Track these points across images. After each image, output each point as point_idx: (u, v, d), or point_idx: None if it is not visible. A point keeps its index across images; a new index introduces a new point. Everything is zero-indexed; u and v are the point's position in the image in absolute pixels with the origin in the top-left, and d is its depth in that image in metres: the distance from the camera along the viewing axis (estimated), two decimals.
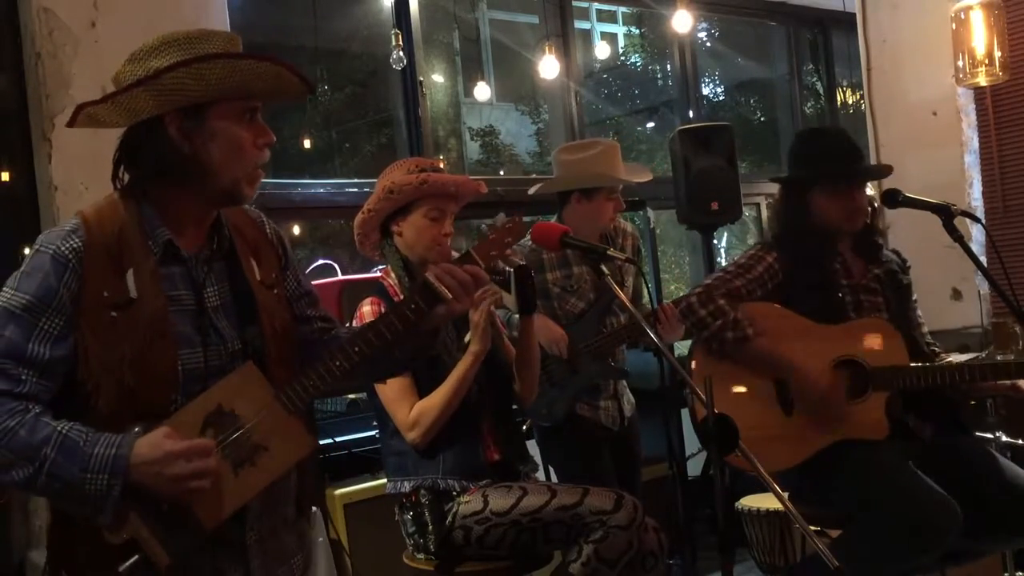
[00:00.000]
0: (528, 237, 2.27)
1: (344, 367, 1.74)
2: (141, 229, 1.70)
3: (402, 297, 2.54)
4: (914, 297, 2.96)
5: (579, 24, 6.53)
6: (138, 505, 1.60)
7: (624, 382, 3.52)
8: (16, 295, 1.63)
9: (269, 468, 1.69)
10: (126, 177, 1.75)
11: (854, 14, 5.14)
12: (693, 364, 2.82)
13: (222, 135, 1.69)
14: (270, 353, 1.78)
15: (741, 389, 2.76)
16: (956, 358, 2.81)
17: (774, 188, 3.05)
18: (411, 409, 2.54)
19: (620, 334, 3.36)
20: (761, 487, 3.63)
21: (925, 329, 2.95)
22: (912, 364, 2.72)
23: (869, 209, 2.86)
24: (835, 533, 2.74)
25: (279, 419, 1.70)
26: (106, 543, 1.61)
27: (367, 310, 2.62)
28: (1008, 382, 2.68)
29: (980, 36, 4.30)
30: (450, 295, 1.80)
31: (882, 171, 2.86)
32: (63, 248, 1.64)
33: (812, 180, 2.81)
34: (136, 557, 1.60)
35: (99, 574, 1.63)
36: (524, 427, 3.42)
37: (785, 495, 1.99)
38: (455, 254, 2.14)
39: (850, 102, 7.48)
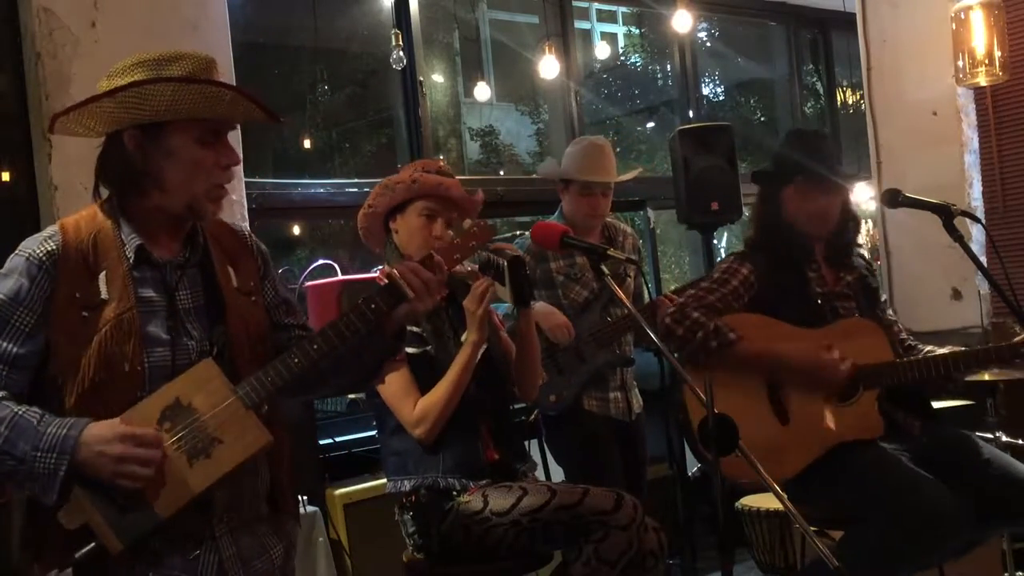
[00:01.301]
0: (527, 236, 2.27)
1: (302, 363, 1.79)
2: (116, 236, 1.81)
3: None
4: (884, 297, 2.99)
5: (579, 24, 6.53)
6: (91, 491, 1.67)
7: (633, 378, 3.52)
8: None
9: (224, 460, 1.74)
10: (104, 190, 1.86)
11: (854, 14, 5.15)
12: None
13: (178, 154, 1.78)
14: (241, 354, 1.85)
15: (735, 403, 2.67)
16: (937, 349, 2.80)
17: None
18: (415, 406, 2.55)
19: (625, 322, 3.37)
20: (761, 487, 3.63)
21: (899, 327, 2.97)
22: (899, 360, 2.73)
23: (849, 218, 2.87)
24: (835, 533, 2.74)
25: (236, 413, 1.75)
26: (69, 531, 1.66)
27: None
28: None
29: (980, 36, 4.30)
30: (412, 293, 1.84)
31: (850, 179, 2.89)
32: (38, 252, 1.76)
33: (785, 178, 2.82)
34: (92, 544, 1.66)
35: (62, 562, 1.70)
36: (532, 419, 3.42)
37: (785, 495, 1.98)
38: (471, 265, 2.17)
39: (850, 102, 7.49)
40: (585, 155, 3.51)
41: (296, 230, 6.03)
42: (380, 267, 2.90)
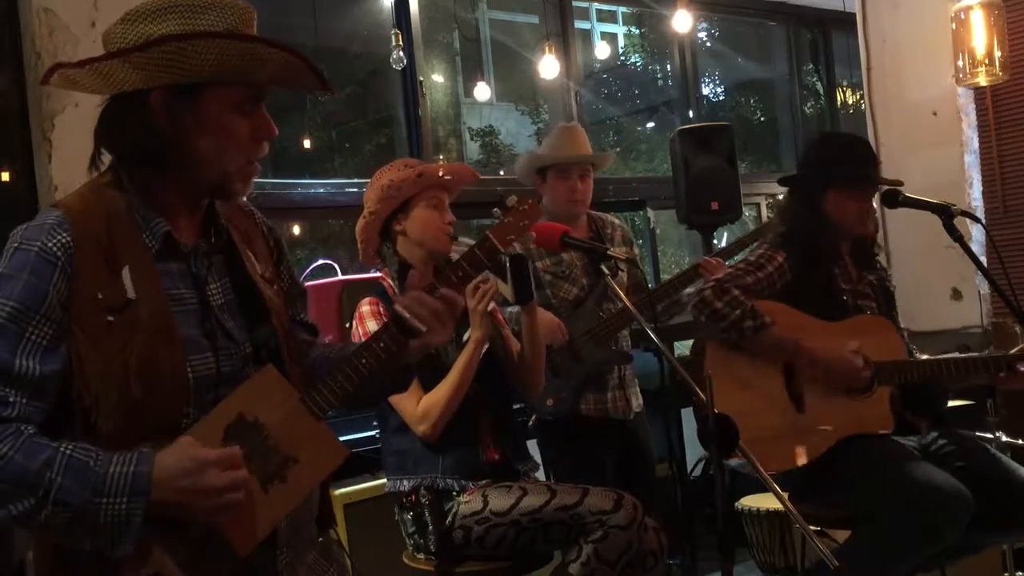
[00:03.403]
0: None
1: (371, 365, 1.59)
2: (132, 220, 1.51)
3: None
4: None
5: (579, 24, 6.52)
6: (162, 533, 1.40)
7: (633, 376, 3.50)
8: None
9: (302, 482, 1.51)
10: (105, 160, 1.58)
11: (854, 14, 5.15)
12: (706, 359, 2.81)
13: (213, 123, 1.50)
14: (285, 354, 1.62)
15: (753, 387, 2.75)
16: (931, 358, 2.85)
17: (774, 188, 3.07)
18: (418, 403, 2.55)
19: (621, 318, 3.34)
20: (761, 487, 3.63)
21: (906, 335, 2.99)
22: (913, 359, 2.75)
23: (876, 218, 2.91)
24: (835, 533, 2.75)
25: (307, 426, 1.53)
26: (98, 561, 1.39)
27: (366, 310, 2.62)
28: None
29: (980, 36, 4.31)
30: (424, 328, 1.61)
31: (894, 182, 2.90)
32: (49, 244, 1.43)
33: (828, 181, 2.82)
34: None
35: None
36: (530, 424, 3.40)
37: (785, 495, 1.99)
38: (470, 241, 2.12)
39: (850, 102, 7.48)
40: (558, 137, 3.49)
41: (296, 230, 6.03)
42: (380, 268, 2.87)
